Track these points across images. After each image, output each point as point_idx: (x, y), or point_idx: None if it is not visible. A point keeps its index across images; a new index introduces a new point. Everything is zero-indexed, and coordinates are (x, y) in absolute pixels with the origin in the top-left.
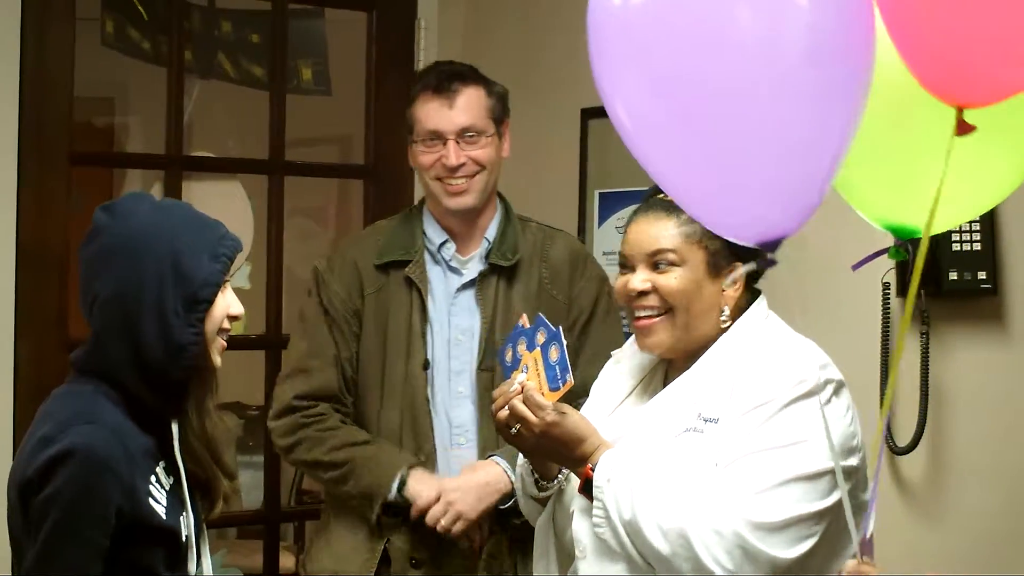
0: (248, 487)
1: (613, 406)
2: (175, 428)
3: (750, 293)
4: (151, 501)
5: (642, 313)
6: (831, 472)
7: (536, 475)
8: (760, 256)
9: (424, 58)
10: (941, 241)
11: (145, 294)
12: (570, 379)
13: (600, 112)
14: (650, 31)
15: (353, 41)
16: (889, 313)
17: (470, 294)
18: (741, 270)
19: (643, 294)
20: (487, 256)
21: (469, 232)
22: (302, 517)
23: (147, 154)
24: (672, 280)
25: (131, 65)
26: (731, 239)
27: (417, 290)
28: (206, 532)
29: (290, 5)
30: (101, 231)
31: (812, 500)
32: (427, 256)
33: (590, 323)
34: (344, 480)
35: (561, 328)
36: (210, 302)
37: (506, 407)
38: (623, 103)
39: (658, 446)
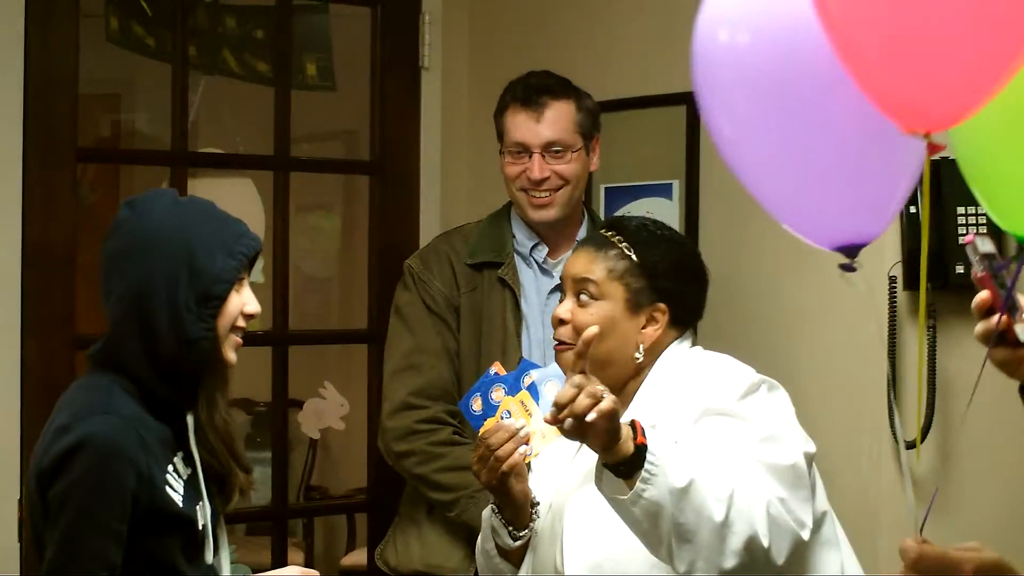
0: (256, 483)
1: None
2: (190, 420)
3: (677, 332)
4: (168, 489)
5: (557, 340)
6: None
7: (508, 525)
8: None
9: (429, 53)
10: (947, 234)
11: (159, 289)
12: None
13: (606, 106)
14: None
15: (358, 36)
16: (896, 307)
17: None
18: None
19: (563, 322)
20: None
21: (559, 236)
22: (311, 513)
23: (152, 150)
24: (589, 314)
25: (137, 61)
26: (814, 243)
27: (511, 291)
28: (223, 523)
29: (294, 1)
30: (122, 226)
31: (805, 482)
32: (518, 258)
33: None
34: (449, 507)
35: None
36: (222, 298)
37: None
38: (727, 115)
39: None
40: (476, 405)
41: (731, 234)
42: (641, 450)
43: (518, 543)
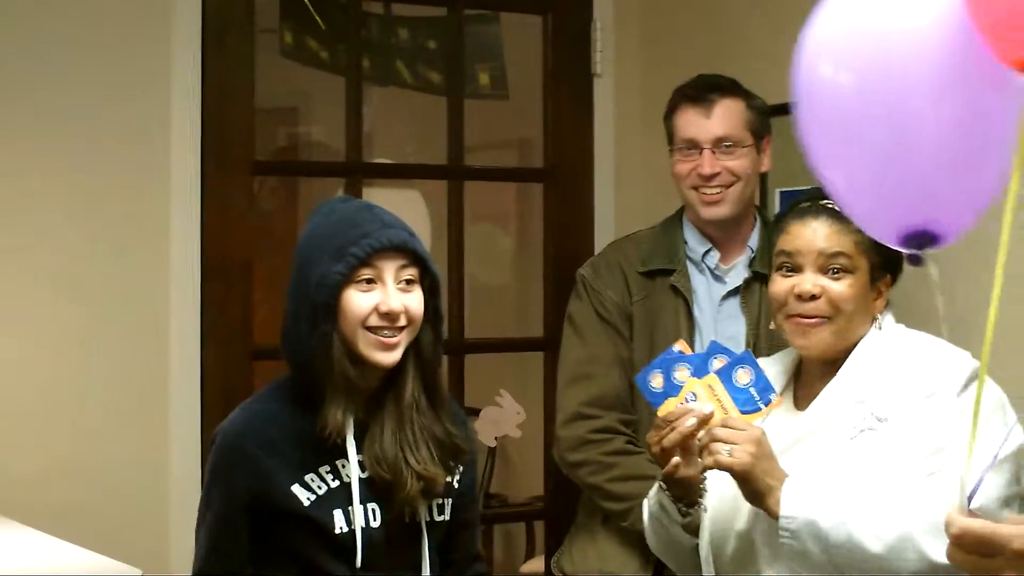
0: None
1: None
2: (350, 424)
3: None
4: (297, 488)
5: (807, 315)
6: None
7: (677, 502)
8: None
9: (600, 59)
10: None
11: (290, 301)
12: (775, 397)
13: (782, 109)
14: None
15: (529, 44)
16: None
17: (735, 302)
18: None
19: (815, 297)
20: (751, 264)
21: (730, 241)
22: (490, 521)
23: (327, 162)
24: (844, 287)
25: (313, 75)
26: (886, 242)
27: (683, 298)
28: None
29: (465, 11)
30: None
31: (1013, 481)
32: (690, 264)
33: None
34: (623, 516)
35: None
36: (328, 305)
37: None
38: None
39: (835, 450)
40: (656, 382)
41: None
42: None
43: (688, 519)
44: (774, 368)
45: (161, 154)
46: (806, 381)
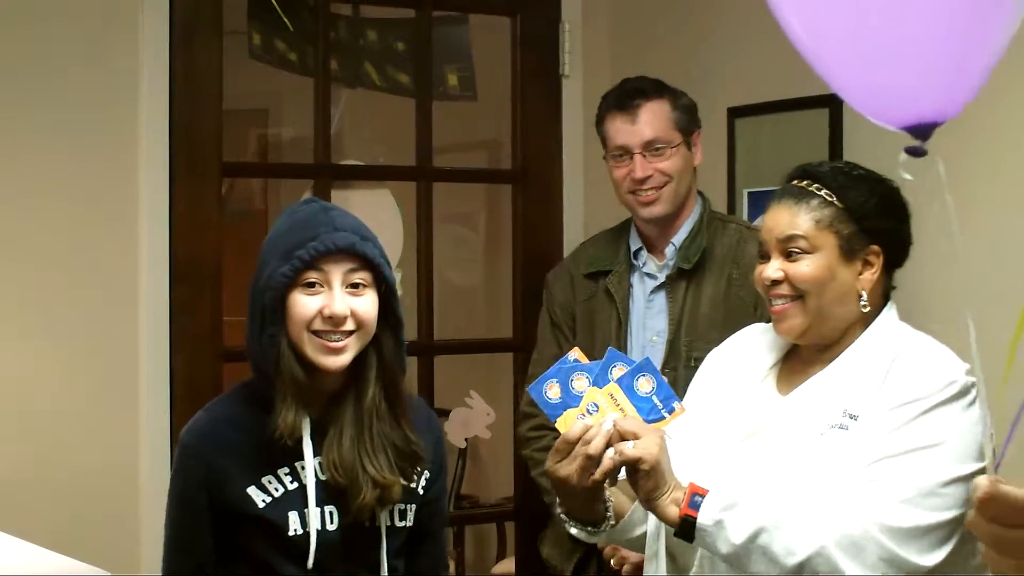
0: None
1: (744, 392)
2: (306, 427)
3: (885, 282)
4: (252, 489)
5: (776, 302)
6: (970, 476)
7: (585, 526)
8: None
9: (569, 61)
10: None
11: (248, 300)
12: (679, 406)
13: (747, 111)
14: None
15: (498, 45)
16: None
17: (662, 297)
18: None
19: (776, 283)
20: (675, 258)
21: (664, 239)
22: (461, 522)
23: (295, 164)
24: (803, 268)
25: (282, 76)
26: (882, 124)
27: (616, 297)
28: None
29: (434, 12)
30: None
31: (952, 507)
32: (631, 265)
33: None
34: (554, 505)
35: (651, 358)
36: (272, 307)
37: (610, 450)
38: None
39: (803, 443)
40: (552, 392)
41: None
42: (687, 522)
43: (596, 538)
44: (764, 341)
45: (130, 156)
46: (794, 365)
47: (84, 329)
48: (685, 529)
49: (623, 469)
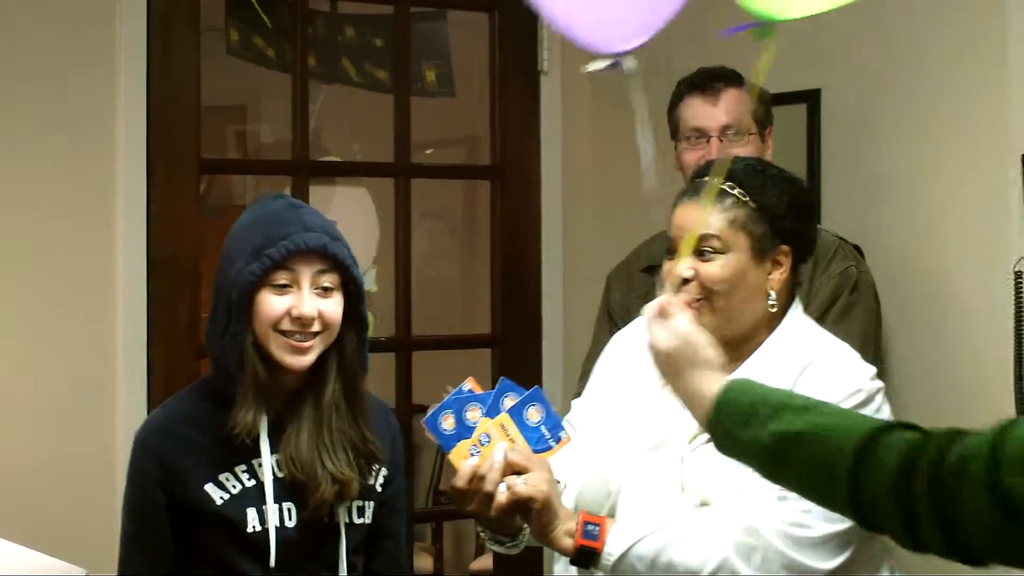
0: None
1: (647, 394)
2: (263, 425)
3: (792, 280)
4: (209, 487)
5: (685, 298)
6: None
7: (504, 540)
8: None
9: (547, 57)
10: None
11: (212, 295)
12: (565, 435)
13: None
14: None
15: (476, 41)
16: (1022, 302)
17: None
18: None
19: (687, 281)
20: None
21: None
22: (439, 518)
23: (273, 160)
24: (715, 268)
25: (260, 73)
26: (591, 48)
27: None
28: (342, 533)
29: (412, 8)
30: None
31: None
32: None
33: (822, 322)
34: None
35: (540, 387)
36: (241, 304)
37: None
38: None
39: (712, 453)
40: (447, 423)
41: (852, 233)
42: (584, 551)
43: (515, 550)
44: None
45: (107, 152)
46: None
47: (62, 326)
48: (583, 557)
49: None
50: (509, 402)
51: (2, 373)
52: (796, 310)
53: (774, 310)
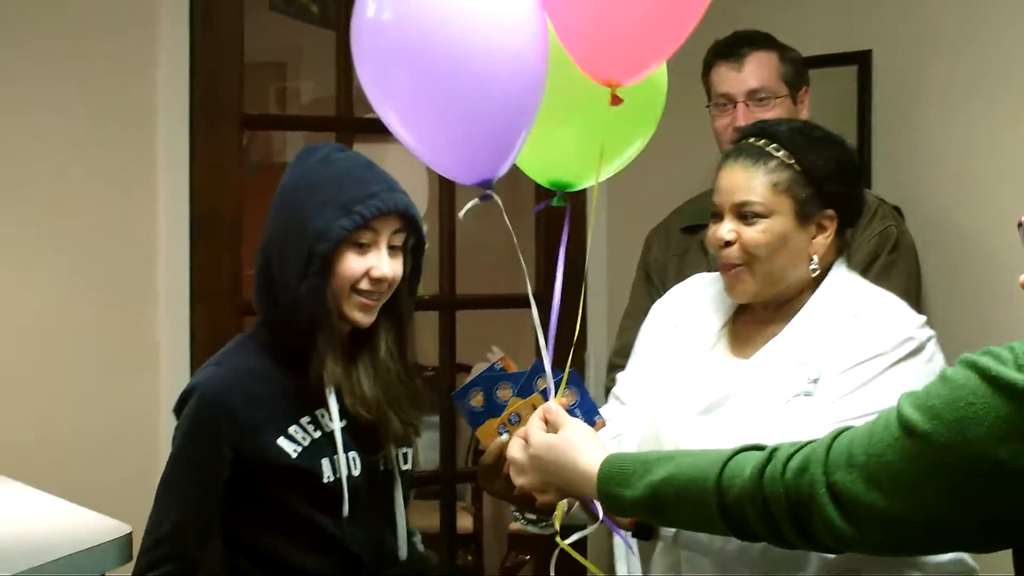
0: (425, 448)
1: (696, 358)
2: (326, 376)
3: (838, 242)
4: (282, 440)
5: (727, 262)
6: None
7: (534, 518)
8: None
9: None
10: None
11: (276, 243)
12: (600, 420)
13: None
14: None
15: None
16: None
17: None
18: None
19: (729, 244)
20: None
21: None
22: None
23: (318, 116)
24: (757, 232)
25: (304, 29)
26: (454, 179)
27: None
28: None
29: None
30: (282, 179)
31: None
32: None
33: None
34: None
35: (575, 370)
36: (324, 257)
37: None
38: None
39: (769, 411)
40: (476, 400)
41: (902, 196)
42: (644, 525)
43: (551, 530)
44: (711, 299)
45: (150, 108)
46: (746, 327)
47: (104, 283)
48: (643, 530)
49: None
50: (543, 383)
51: (46, 332)
52: (840, 267)
53: (816, 274)
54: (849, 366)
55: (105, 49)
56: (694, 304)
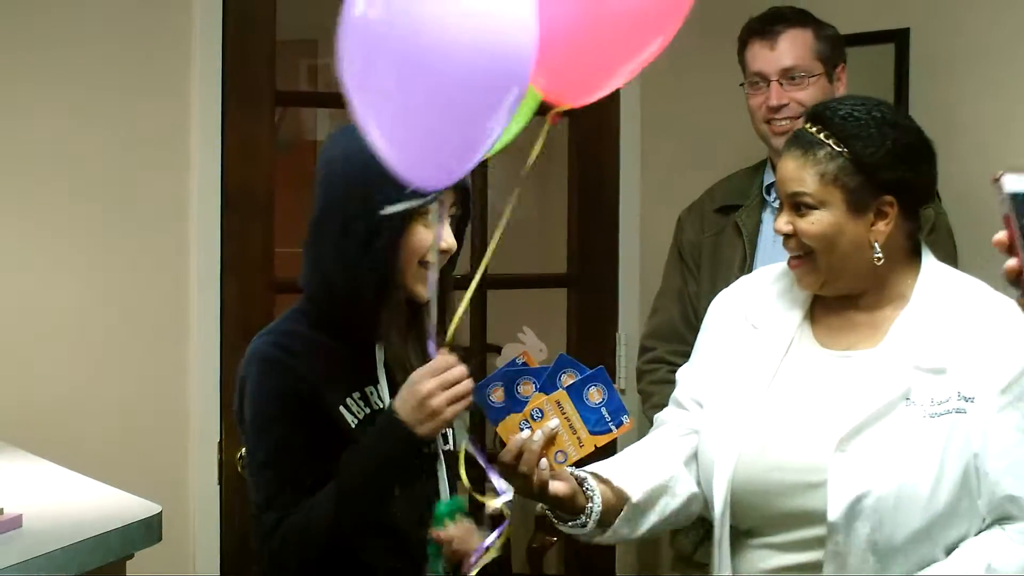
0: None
1: (782, 350)
2: (379, 353)
3: (907, 226)
4: (341, 409)
5: (790, 254)
6: None
7: (568, 520)
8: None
9: None
10: None
11: (333, 219)
12: (628, 420)
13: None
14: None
15: None
16: None
17: None
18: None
19: (788, 236)
20: None
21: None
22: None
23: None
24: (809, 224)
25: (334, 7)
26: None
27: (744, 233)
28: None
29: None
30: (323, 152)
31: None
32: (763, 201)
33: None
34: None
35: (603, 368)
36: (392, 231)
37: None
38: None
39: (911, 424)
40: (496, 395)
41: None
42: None
43: (584, 530)
44: (782, 293)
45: (182, 84)
46: (825, 318)
47: (135, 259)
48: None
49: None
50: (568, 379)
51: (76, 310)
52: (929, 258)
53: (880, 262)
54: (1002, 387)
55: (139, 26)
56: (768, 300)
